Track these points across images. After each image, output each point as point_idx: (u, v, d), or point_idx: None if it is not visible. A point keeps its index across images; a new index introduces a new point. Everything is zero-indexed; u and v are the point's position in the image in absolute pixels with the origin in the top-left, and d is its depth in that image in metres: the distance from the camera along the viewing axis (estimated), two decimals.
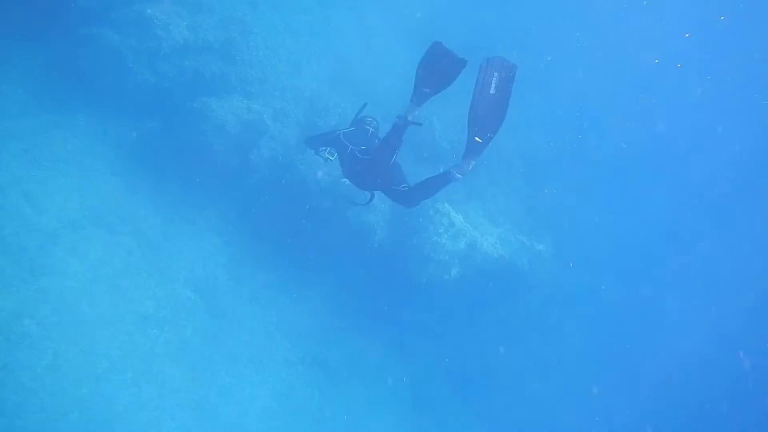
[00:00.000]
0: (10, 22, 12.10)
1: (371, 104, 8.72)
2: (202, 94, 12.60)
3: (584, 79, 20.89)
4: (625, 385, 18.72)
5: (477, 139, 6.41)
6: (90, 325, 11.27)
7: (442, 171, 7.35)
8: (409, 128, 7.39)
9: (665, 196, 21.67)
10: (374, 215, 13.21)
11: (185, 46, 12.50)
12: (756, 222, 22.77)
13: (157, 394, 11.62)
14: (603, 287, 18.80)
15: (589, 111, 20.57)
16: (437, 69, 6.88)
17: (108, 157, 12.76)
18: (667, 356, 19.92)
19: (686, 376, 19.66)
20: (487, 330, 16.25)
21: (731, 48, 22.93)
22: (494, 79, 6.20)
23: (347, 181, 8.42)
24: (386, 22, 19.60)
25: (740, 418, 18.89)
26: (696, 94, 22.42)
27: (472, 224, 14.09)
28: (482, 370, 16.33)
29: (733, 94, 23.00)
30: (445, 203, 13.71)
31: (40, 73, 12.39)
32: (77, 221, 11.86)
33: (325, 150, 8.36)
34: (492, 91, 6.19)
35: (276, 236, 13.69)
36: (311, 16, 17.01)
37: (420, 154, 14.63)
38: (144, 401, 11.40)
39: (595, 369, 18.21)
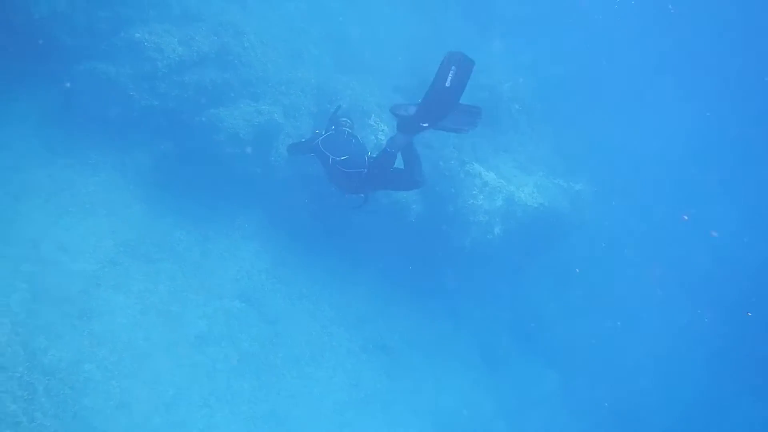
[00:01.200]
0: (5, 77, 11.99)
1: (381, 76, 8.58)
2: (208, 106, 12.37)
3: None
4: (681, 310, 18.46)
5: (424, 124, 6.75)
6: (149, 356, 11.29)
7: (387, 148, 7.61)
8: None
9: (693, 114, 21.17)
10: (406, 192, 12.94)
11: (181, 62, 12.24)
12: None
13: (229, 411, 11.64)
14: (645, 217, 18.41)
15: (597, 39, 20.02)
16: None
17: (129, 187, 12.67)
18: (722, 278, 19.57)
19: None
20: (540, 278, 16.07)
21: None
22: (451, 73, 6.33)
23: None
24: None
25: None
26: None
27: (506, 178, 13.76)
28: (542, 318, 16.19)
29: None
30: (474, 163, 13.40)
31: (44, 120, 12.30)
32: (114, 258, 11.82)
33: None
34: (447, 84, 6.35)
35: (312, 231, 13.55)
36: (301, 1, 16.62)
37: None
38: (217, 420, 11.44)
39: (647, 298, 17.97)
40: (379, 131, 12.97)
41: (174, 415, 10.98)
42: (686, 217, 19.77)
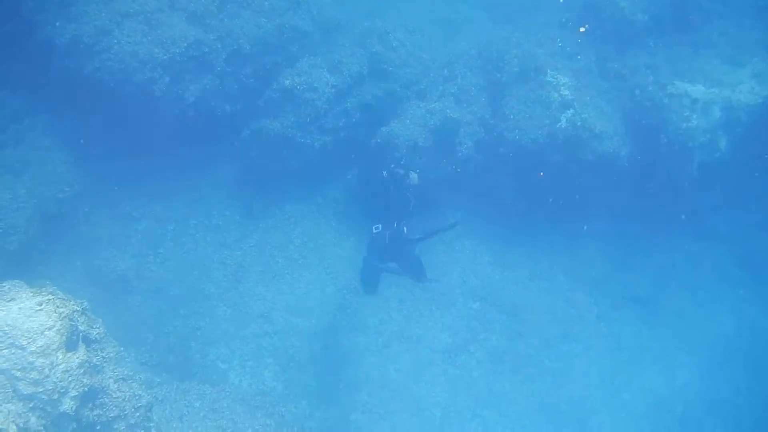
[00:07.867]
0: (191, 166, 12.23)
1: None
2: (379, 124, 11.80)
3: None
4: None
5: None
6: (405, 386, 11.50)
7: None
8: None
9: None
10: (608, 139, 11.68)
11: (339, 91, 11.67)
12: None
13: (498, 413, 11.60)
14: None
15: None
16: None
17: (331, 225, 12.64)
18: None
19: None
20: None
21: None
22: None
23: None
24: None
25: None
26: None
27: (716, 83, 11.92)
28: None
29: None
30: (675, 82, 11.76)
31: (234, 195, 12.47)
32: (342, 302, 11.97)
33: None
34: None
35: (516, 207, 12.66)
36: None
37: None
38: (490, 425, 11.40)
39: None
40: (561, 86, 11.74)
41: None
42: None
